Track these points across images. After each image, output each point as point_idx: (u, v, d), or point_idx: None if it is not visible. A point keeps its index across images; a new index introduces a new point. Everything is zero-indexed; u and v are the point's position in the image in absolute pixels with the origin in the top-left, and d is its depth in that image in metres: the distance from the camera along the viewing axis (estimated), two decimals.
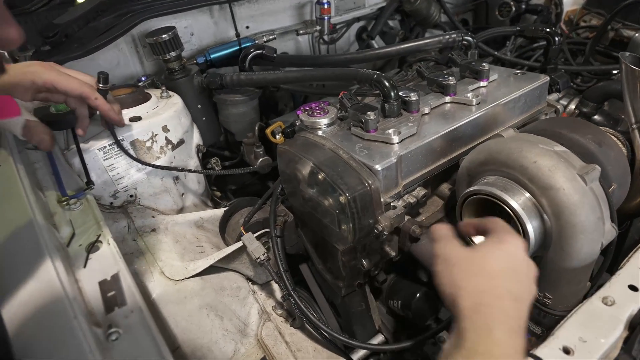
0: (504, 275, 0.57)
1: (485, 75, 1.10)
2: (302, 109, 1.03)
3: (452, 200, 1.04)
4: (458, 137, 0.98)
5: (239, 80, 1.14)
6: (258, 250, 0.92)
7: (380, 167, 0.85)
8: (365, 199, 0.83)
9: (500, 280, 0.56)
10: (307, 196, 0.95)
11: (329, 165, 0.87)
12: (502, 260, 0.59)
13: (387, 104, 0.96)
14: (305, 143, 0.97)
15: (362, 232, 0.87)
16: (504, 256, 0.59)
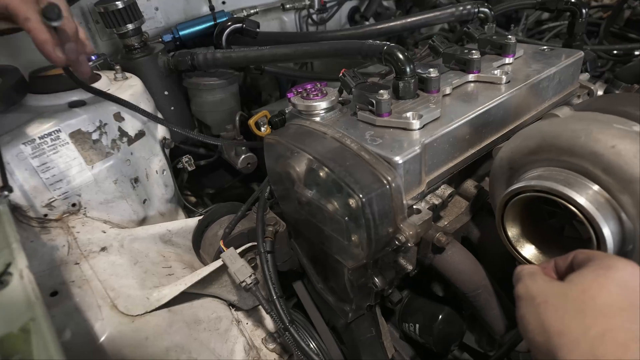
0: (622, 313, 0.38)
1: (512, 49, 0.92)
2: (294, 91, 0.82)
3: (479, 199, 0.86)
4: (488, 122, 0.79)
5: (214, 60, 0.93)
6: (243, 271, 0.71)
7: (402, 159, 0.65)
8: (383, 201, 0.64)
9: (619, 320, 0.37)
10: (304, 200, 0.75)
11: (333, 158, 0.67)
12: (616, 293, 0.40)
13: (401, 82, 0.77)
14: (300, 132, 0.76)
15: (379, 245, 0.67)
16: (616, 286, 0.40)
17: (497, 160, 0.73)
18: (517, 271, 0.54)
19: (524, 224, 0.70)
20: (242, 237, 0.80)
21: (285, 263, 0.88)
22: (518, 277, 0.52)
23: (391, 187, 0.63)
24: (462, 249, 0.80)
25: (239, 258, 0.73)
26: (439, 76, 0.79)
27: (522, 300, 0.48)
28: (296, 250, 0.91)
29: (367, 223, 0.63)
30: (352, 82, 0.80)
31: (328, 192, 0.69)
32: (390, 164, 0.65)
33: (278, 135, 0.77)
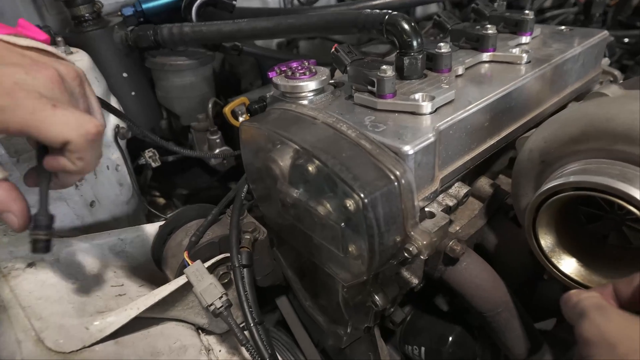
0: None
1: (529, 27, 0.80)
2: (277, 70, 0.68)
3: (495, 200, 0.73)
4: (508, 107, 0.67)
5: (181, 35, 0.78)
6: (211, 291, 0.57)
7: (412, 149, 0.52)
8: (390, 202, 0.50)
9: None
10: (288, 201, 0.61)
11: (325, 148, 0.53)
12: None
13: (406, 57, 0.63)
14: (285, 117, 0.62)
15: (384, 257, 0.53)
16: None
17: (524, 153, 0.60)
18: (574, 302, 0.40)
19: (560, 230, 0.57)
20: (212, 247, 0.65)
21: (267, 277, 0.74)
22: (578, 310, 0.39)
23: (400, 185, 0.50)
24: (479, 259, 0.67)
25: (207, 274, 0.58)
26: (451, 52, 0.66)
27: (594, 347, 0.34)
28: (280, 261, 0.76)
29: (370, 230, 0.50)
30: (347, 57, 0.66)
31: (319, 191, 0.55)
32: (398, 155, 0.52)
33: (257, 122, 0.63)
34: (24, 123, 0.41)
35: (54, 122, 0.42)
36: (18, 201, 0.45)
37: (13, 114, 0.41)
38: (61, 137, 0.42)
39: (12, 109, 0.41)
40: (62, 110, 0.42)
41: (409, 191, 0.50)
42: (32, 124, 0.41)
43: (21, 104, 0.41)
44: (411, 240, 0.52)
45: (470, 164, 0.63)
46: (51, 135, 0.42)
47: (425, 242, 0.51)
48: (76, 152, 0.44)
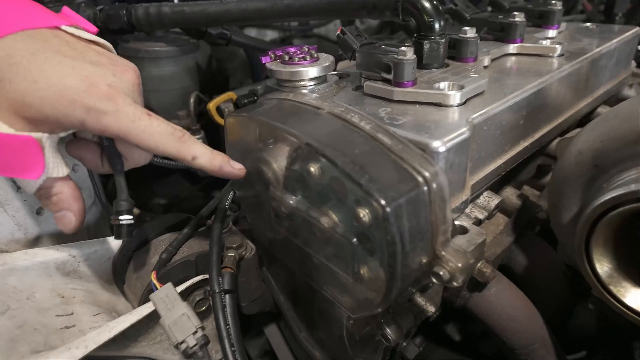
0: None
1: (557, 19, 0.71)
2: (271, 55, 0.57)
3: (524, 214, 0.62)
4: (545, 104, 0.57)
5: (159, 16, 0.67)
6: (184, 324, 0.44)
7: (444, 145, 0.41)
8: (418, 212, 0.39)
9: None
10: (283, 210, 0.49)
11: (334, 143, 0.42)
12: None
13: (426, 42, 0.53)
14: (281, 107, 0.51)
15: (406, 283, 0.42)
16: None
17: (570, 156, 0.50)
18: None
19: (618, 252, 0.46)
20: (187, 266, 0.52)
21: (254, 303, 0.61)
22: None
23: (430, 190, 0.39)
24: (511, 285, 0.56)
25: (179, 302, 0.46)
26: (477, 37, 0.56)
27: None
28: (270, 283, 0.64)
29: (391, 248, 0.38)
30: (355, 41, 0.56)
31: (322, 198, 0.44)
32: (426, 152, 0.41)
33: (246, 112, 0.51)
34: (125, 130, 0.41)
35: (153, 132, 0.42)
36: (79, 201, 0.46)
37: (115, 120, 0.41)
38: (161, 149, 0.43)
39: (114, 115, 0.40)
40: (156, 120, 0.43)
41: (441, 198, 0.39)
42: (134, 132, 0.41)
43: (122, 110, 0.41)
44: (442, 262, 0.41)
45: (503, 169, 0.53)
46: (151, 146, 0.43)
47: (460, 264, 0.40)
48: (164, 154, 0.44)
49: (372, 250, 0.41)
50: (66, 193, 0.45)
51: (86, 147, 0.48)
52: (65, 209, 0.45)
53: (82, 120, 0.40)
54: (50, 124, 0.41)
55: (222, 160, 0.47)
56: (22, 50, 0.40)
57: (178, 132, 0.44)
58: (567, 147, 0.51)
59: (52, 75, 0.39)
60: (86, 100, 0.40)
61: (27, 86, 0.39)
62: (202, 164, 0.45)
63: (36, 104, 0.39)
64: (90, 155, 0.48)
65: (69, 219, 0.45)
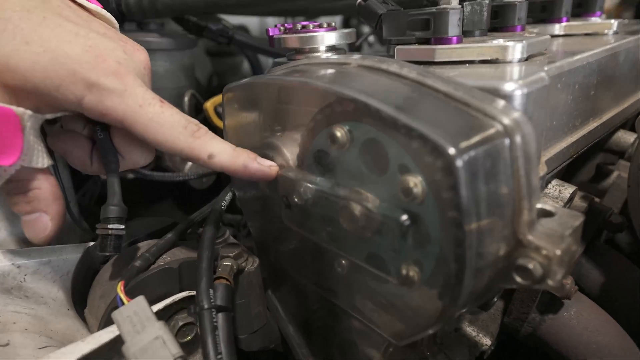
0: None
1: (599, 5, 0.63)
2: (281, 28, 0.48)
3: (592, 219, 0.50)
4: (613, 77, 0.47)
5: (153, 2, 0.59)
6: (157, 350, 0.31)
7: (521, 89, 0.30)
8: (498, 173, 0.27)
9: None
10: (297, 200, 0.37)
11: (371, 92, 0.31)
12: None
13: (467, 3, 0.44)
14: (295, 70, 0.41)
15: (480, 283, 0.29)
16: None
17: None
18: None
19: None
20: (167, 277, 0.39)
21: (255, 336, 0.47)
22: None
23: (513, 143, 0.27)
24: (593, 305, 0.43)
25: (153, 321, 0.32)
26: (525, 3, 0.47)
27: None
28: (276, 311, 0.50)
29: (461, 226, 0.26)
30: (381, 7, 0.47)
31: (352, 176, 0.32)
32: (499, 95, 0.30)
33: (252, 78, 0.41)
34: (131, 116, 0.34)
35: (163, 122, 0.35)
36: (58, 201, 0.37)
37: (120, 101, 0.33)
38: (170, 144, 0.35)
39: (120, 95, 0.33)
40: (169, 108, 0.36)
41: (527, 157, 0.28)
42: (141, 119, 0.34)
43: (131, 91, 0.34)
44: (529, 251, 0.28)
45: (574, 150, 0.42)
46: (159, 139, 0.35)
47: (558, 251, 0.27)
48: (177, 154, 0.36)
49: (427, 236, 0.29)
50: (45, 190, 0.36)
51: (73, 140, 0.39)
52: (40, 210, 0.36)
53: (80, 98, 0.33)
54: (38, 98, 0.33)
55: (248, 157, 0.37)
56: (14, 5, 0.32)
57: (192, 126, 0.36)
58: None
59: (50, 38, 0.32)
60: (89, 73, 0.32)
61: (15, 47, 0.31)
62: (221, 163, 0.36)
63: (24, 69, 0.31)
64: (77, 149, 0.39)
65: (43, 224, 0.37)
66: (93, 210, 0.79)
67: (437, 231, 0.28)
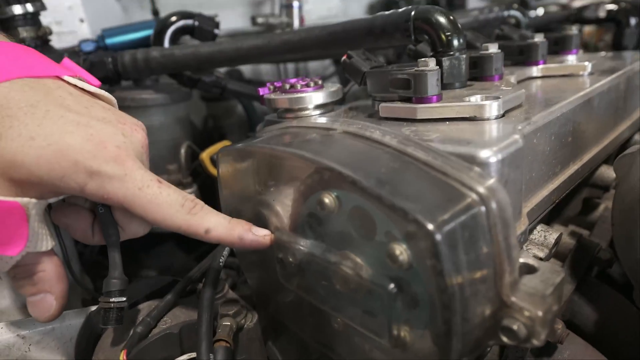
0: None
1: (575, 44, 0.66)
2: (270, 87, 0.50)
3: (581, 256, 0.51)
4: (589, 120, 0.49)
5: (147, 61, 0.62)
6: None
7: (496, 155, 0.32)
8: (477, 240, 0.28)
9: None
10: (291, 260, 0.38)
11: (353, 163, 0.33)
12: None
13: (446, 58, 0.47)
14: (285, 133, 0.43)
15: (467, 345, 0.30)
16: None
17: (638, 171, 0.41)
18: None
19: None
20: (168, 341, 0.40)
21: None
22: None
23: (489, 211, 0.29)
24: (588, 347, 0.44)
25: None
26: (501, 54, 0.50)
27: None
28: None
29: (446, 293, 0.27)
30: (365, 64, 0.49)
31: (341, 239, 0.34)
32: (474, 162, 0.32)
33: (242, 144, 0.43)
34: (130, 199, 0.36)
35: (161, 203, 0.36)
36: (62, 281, 0.39)
37: (121, 185, 0.35)
38: (169, 223, 0.37)
39: (121, 180, 0.35)
40: (166, 188, 0.37)
41: (504, 222, 0.29)
42: (139, 202, 0.36)
43: (130, 175, 0.36)
44: (513, 312, 0.29)
45: (556, 197, 0.43)
46: (157, 219, 0.37)
47: (540, 312, 0.28)
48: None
49: (416, 301, 0.30)
50: (49, 272, 0.38)
51: (75, 214, 0.41)
52: (45, 291, 0.38)
53: (83, 185, 0.35)
54: (42, 188, 0.35)
55: (243, 228, 0.39)
56: (19, 102, 0.34)
57: (189, 203, 0.38)
58: (633, 161, 0.42)
59: (53, 131, 0.34)
60: (90, 162, 0.34)
61: (22, 142, 0.33)
62: (218, 237, 0.38)
63: (29, 164, 0.33)
64: (79, 223, 0.41)
65: (48, 304, 0.38)
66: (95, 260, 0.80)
67: (425, 295, 0.30)
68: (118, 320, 0.38)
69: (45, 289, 0.37)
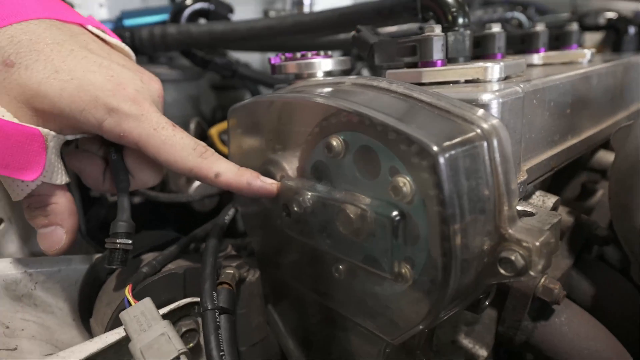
0: None
1: (575, 39, 0.68)
2: (282, 56, 0.53)
3: (578, 232, 0.52)
4: (587, 99, 0.51)
5: (164, 37, 0.64)
6: (162, 346, 0.32)
7: (497, 99, 0.34)
8: (478, 170, 0.30)
9: None
10: (296, 209, 0.40)
11: (360, 104, 0.34)
12: None
13: (450, 33, 0.49)
14: (294, 89, 0.44)
15: (466, 276, 0.31)
16: None
17: (636, 139, 0.42)
18: None
19: None
20: (173, 282, 0.41)
21: (255, 349, 0.48)
22: None
23: (491, 146, 0.30)
24: (584, 312, 0.45)
25: (159, 320, 0.34)
26: (503, 33, 0.52)
27: None
28: (276, 326, 0.51)
29: (445, 216, 0.28)
30: (373, 38, 0.51)
31: (347, 181, 0.35)
32: (477, 105, 0.33)
33: (255, 97, 0.45)
34: (145, 138, 0.37)
35: (174, 144, 0.38)
36: (74, 217, 0.40)
37: (137, 125, 0.37)
38: (180, 165, 0.38)
39: (137, 119, 0.37)
40: (180, 132, 0.39)
41: (504, 158, 0.31)
42: (154, 141, 0.37)
43: (147, 115, 0.38)
44: (511, 244, 0.31)
45: (555, 163, 0.45)
46: (170, 160, 0.38)
47: (537, 242, 0.29)
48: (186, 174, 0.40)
49: (417, 234, 0.31)
50: (62, 205, 0.39)
51: (89, 160, 0.43)
52: (56, 223, 0.39)
53: (101, 121, 0.37)
54: (63, 120, 0.37)
55: (251, 175, 0.40)
56: (47, 38, 0.37)
57: (201, 148, 0.40)
58: (629, 133, 0.43)
59: (76, 68, 0.36)
60: (110, 99, 0.36)
61: (46, 75, 0.35)
62: (227, 181, 0.39)
63: (53, 95, 0.35)
64: (92, 168, 0.43)
65: (58, 236, 0.39)
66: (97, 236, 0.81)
67: (426, 229, 0.31)
68: (123, 261, 0.39)
69: (57, 221, 0.39)
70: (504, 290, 0.44)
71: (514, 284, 0.43)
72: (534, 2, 1.53)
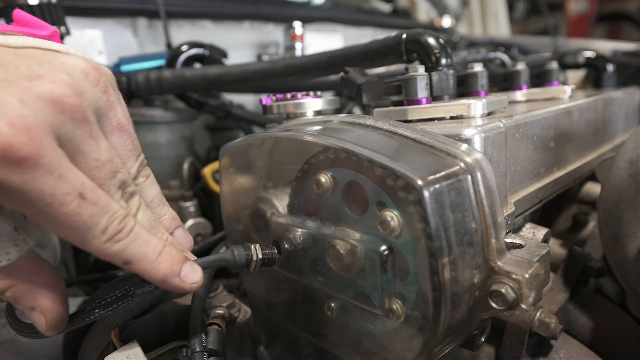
0: None
1: (555, 76, 0.71)
2: (273, 97, 0.54)
3: (573, 265, 0.52)
4: (570, 133, 0.52)
5: (160, 81, 0.66)
6: None
7: (480, 134, 0.35)
8: (463, 203, 0.30)
9: None
10: (287, 246, 0.39)
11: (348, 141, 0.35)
12: None
13: (434, 73, 0.51)
14: (289, 128, 0.45)
15: (457, 310, 0.30)
16: None
17: (620, 170, 0.43)
18: None
19: None
20: (160, 324, 0.40)
21: None
22: None
23: (475, 179, 0.31)
24: (583, 347, 0.44)
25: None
26: (485, 72, 0.54)
27: None
28: None
29: (434, 249, 0.28)
30: (361, 78, 0.53)
31: (335, 216, 0.35)
32: (460, 140, 0.34)
33: (245, 137, 0.46)
34: (36, 213, 0.26)
35: (76, 226, 0.27)
36: (48, 289, 0.31)
37: (21, 195, 0.25)
38: (81, 246, 0.29)
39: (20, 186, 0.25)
40: (90, 206, 0.27)
41: (489, 190, 0.31)
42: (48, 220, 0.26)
43: (37, 180, 0.25)
44: (501, 277, 0.30)
45: (543, 195, 0.45)
46: (72, 240, 0.28)
47: (527, 274, 0.29)
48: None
49: (406, 269, 0.31)
50: (21, 276, 0.30)
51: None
52: (27, 306, 0.31)
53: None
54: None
55: (172, 269, 0.31)
56: None
57: (115, 225, 0.29)
58: (613, 164, 0.44)
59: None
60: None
61: None
62: (138, 272, 0.30)
63: None
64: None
65: (35, 319, 0.31)
66: None
67: (415, 263, 0.31)
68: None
69: (28, 303, 0.31)
70: (501, 327, 0.43)
71: (509, 319, 0.42)
72: (517, 43, 1.60)
